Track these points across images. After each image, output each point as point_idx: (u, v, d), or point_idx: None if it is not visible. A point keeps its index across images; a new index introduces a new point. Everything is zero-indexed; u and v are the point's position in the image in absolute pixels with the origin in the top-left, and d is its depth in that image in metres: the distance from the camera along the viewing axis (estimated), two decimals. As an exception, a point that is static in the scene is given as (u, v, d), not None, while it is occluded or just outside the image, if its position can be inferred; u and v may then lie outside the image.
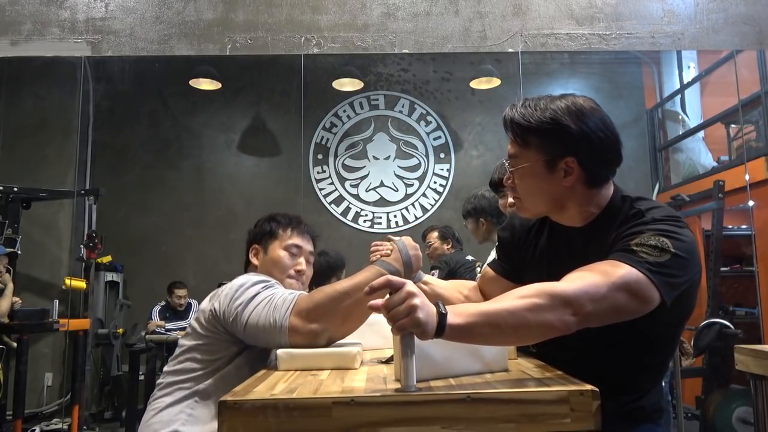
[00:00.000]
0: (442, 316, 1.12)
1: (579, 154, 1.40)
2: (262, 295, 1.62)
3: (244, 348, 1.68)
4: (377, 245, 1.70)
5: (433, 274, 3.39)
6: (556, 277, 1.31)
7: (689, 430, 4.50)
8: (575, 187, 1.43)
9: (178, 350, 1.76)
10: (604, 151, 1.42)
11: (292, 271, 1.89)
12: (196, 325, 1.73)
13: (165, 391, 1.70)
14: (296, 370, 1.43)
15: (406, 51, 4.34)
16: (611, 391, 1.17)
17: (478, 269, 3.65)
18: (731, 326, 4.34)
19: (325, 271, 3.68)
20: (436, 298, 1.58)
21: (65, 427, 4.92)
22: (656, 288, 1.25)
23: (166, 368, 1.76)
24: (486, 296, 1.73)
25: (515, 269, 1.67)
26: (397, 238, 1.71)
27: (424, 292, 1.62)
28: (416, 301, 1.10)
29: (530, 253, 1.62)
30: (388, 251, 1.67)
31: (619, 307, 1.23)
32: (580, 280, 1.23)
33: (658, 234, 1.31)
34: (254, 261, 1.94)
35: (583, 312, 1.20)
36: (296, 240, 1.94)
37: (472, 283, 1.83)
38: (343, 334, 1.59)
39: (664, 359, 1.51)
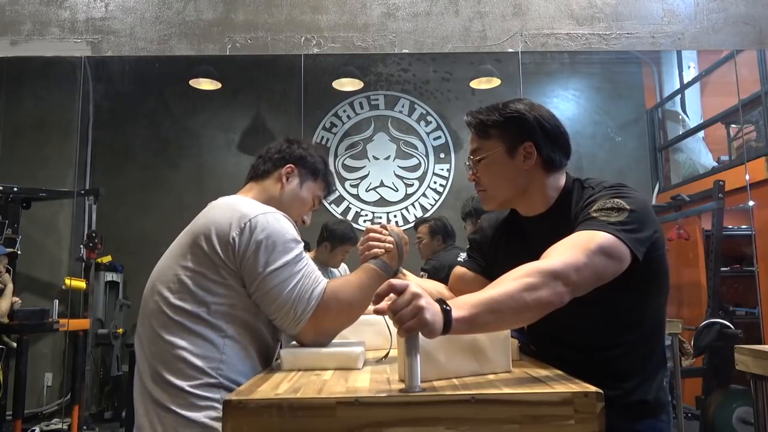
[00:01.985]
0: (447, 312, 1.13)
1: (536, 139, 1.56)
2: (292, 267, 1.52)
3: None
4: (373, 237, 1.69)
5: (422, 276, 3.38)
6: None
7: (689, 430, 4.51)
8: (534, 171, 1.58)
9: (178, 270, 1.53)
10: (557, 138, 1.59)
11: (302, 219, 1.79)
12: (205, 246, 1.51)
13: (177, 325, 1.50)
14: (299, 370, 1.44)
15: (406, 51, 4.35)
16: (611, 379, 1.20)
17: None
18: (731, 326, 4.34)
19: (339, 237, 3.89)
20: None
21: (65, 427, 4.92)
22: (624, 243, 1.36)
23: (170, 297, 1.52)
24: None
25: (490, 267, 1.76)
26: (391, 229, 1.70)
27: None
28: (422, 302, 1.11)
29: (502, 250, 1.73)
30: (391, 246, 1.67)
31: (599, 271, 1.33)
32: (561, 254, 1.31)
33: (611, 197, 1.45)
34: (284, 181, 1.76)
35: (572, 282, 1.28)
36: (322, 195, 1.85)
37: (442, 285, 1.89)
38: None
39: (651, 339, 1.57)
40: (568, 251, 1.32)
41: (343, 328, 1.60)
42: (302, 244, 1.59)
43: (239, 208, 1.57)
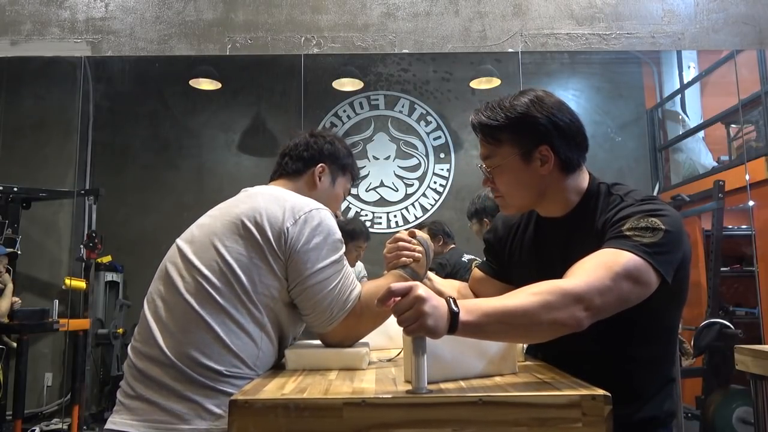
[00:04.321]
0: (454, 315, 1.12)
1: (552, 141, 1.46)
2: (337, 267, 1.51)
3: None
4: (402, 246, 1.66)
5: None
6: (547, 269, 1.36)
7: (689, 430, 4.51)
8: (553, 174, 1.48)
9: (221, 250, 1.48)
10: (574, 136, 1.49)
11: (334, 213, 1.73)
12: (254, 230, 1.48)
13: (220, 308, 1.44)
14: (304, 370, 1.44)
15: (406, 51, 4.35)
16: (619, 399, 1.18)
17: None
18: (731, 326, 4.34)
19: (350, 233, 3.80)
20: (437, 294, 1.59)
21: (65, 427, 4.92)
22: (655, 269, 1.29)
23: (212, 277, 1.46)
24: (478, 297, 1.75)
25: (504, 269, 1.72)
26: (420, 236, 1.69)
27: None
28: (424, 306, 1.10)
29: (517, 250, 1.66)
30: (420, 255, 1.65)
31: (624, 296, 1.26)
32: (586, 275, 1.24)
33: (646, 215, 1.35)
34: (318, 181, 1.74)
35: (594, 306, 1.22)
36: (350, 186, 1.87)
37: (464, 283, 1.87)
38: None
39: (663, 354, 1.52)
40: (594, 272, 1.25)
41: (368, 333, 1.59)
42: (344, 246, 1.59)
43: (290, 199, 1.55)
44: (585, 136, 1.52)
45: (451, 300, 1.14)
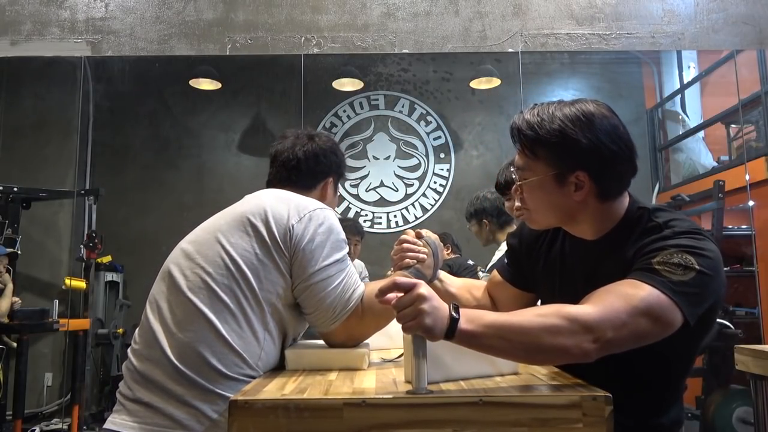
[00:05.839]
0: (453, 320, 1.11)
1: (590, 168, 1.34)
2: (340, 266, 1.51)
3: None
4: (410, 246, 1.63)
5: None
6: (568, 289, 1.31)
7: (689, 430, 4.50)
8: (587, 201, 1.37)
9: (227, 247, 1.48)
10: (617, 164, 1.36)
11: None
12: (261, 227, 1.49)
13: (223, 306, 1.44)
14: (304, 370, 1.44)
15: (406, 51, 4.35)
16: (629, 411, 1.15)
17: (480, 274, 3.67)
18: (731, 326, 4.34)
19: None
20: (448, 297, 1.56)
21: (65, 427, 4.91)
22: (679, 309, 1.19)
23: (214, 273, 1.46)
24: (493, 299, 1.74)
25: (522, 276, 1.66)
26: (427, 236, 1.67)
27: (437, 289, 1.63)
28: (424, 305, 1.09)
29: (541, 262, 1.58)
30: (425, 256, 1.62)
31: (640, 333, 1.18)
32: (601, 305, 1.17)
33: (681, 251, 1.24)
34: (326, 193, 1.78)
35: (604, 339, 1.15)
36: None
37: (482, 284, 1.81)
38: None
39: (682, 378, 1.45)
40: (612, 303, 1.17)
41: (372, 335, 1.58)
42: (347, 246, 1.59)
43: (294, 198, 1.57)
44: (633, 161, 1.40)
45: (454, 305, 1.13)
